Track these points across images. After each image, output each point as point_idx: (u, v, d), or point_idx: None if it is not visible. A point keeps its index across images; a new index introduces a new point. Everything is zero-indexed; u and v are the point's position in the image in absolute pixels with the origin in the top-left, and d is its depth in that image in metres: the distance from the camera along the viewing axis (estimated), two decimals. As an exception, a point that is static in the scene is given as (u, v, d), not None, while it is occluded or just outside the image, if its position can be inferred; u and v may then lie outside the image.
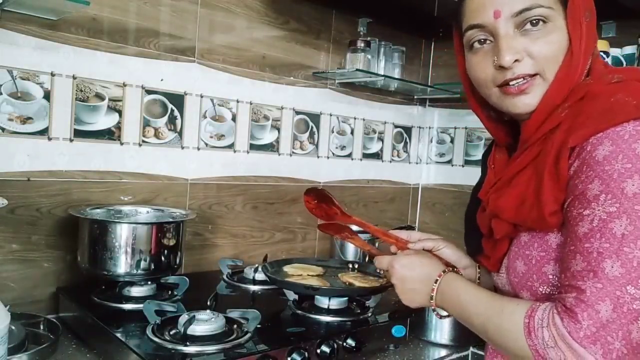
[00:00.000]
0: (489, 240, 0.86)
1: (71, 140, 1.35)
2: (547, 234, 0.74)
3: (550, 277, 0.73)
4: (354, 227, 1.05)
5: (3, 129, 1.24)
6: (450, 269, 0.86)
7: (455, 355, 1.29)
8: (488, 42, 0.77)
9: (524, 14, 0.73)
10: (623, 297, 0.62)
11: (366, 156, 2.09)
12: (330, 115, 1.94)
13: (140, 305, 1.13)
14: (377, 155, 2.13)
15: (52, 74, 1.30)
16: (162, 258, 1.27)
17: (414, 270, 0.87)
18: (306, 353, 1.05)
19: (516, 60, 0.74)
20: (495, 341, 0.73)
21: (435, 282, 0.83)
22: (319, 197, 1.03)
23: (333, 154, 1.97)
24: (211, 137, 1.62)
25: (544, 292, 0.74)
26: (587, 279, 0.64)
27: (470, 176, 2.11)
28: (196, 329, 1.03)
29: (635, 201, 0.63)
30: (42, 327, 1.16)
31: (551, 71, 0.74)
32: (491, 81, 0.77)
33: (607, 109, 0.68)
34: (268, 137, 1.76)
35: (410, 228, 1.02)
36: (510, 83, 0.75)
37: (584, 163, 0.67)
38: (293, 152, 1.83)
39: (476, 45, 0.78)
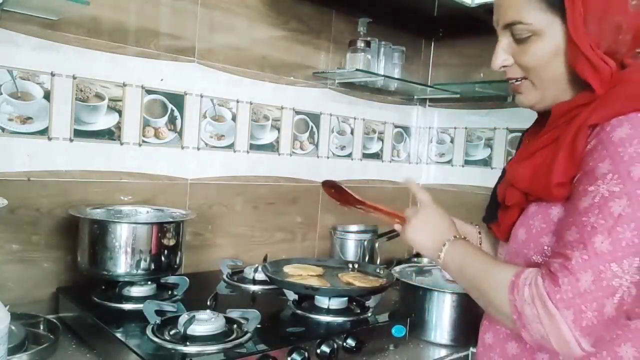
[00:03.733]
0: (503, 209, 0.90)
1: (71, 140, 1.35)
2: (550, 207, 0.78)
3: (545, 248, 0.78)
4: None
5: (3, 129, 1.24)
6: (463, 237, 0.91)
7: (455, 355, 1.29)
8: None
9: (511, 27, 0.80)
10: (605, 272, 0.65)
11: (366, 156, 2.09)
12: (330, 115, 1.94)
13: (140, 305, 1.13)
14: (377, 155, 2.13)
15: (52, 74, 1.30)
16: (162, 258, 1.27)
17: (435, 217, 0.94)
18: (306, 353, 1.05)
19: (505, 66, 0.82)
20: (482, 294, 0.78)
21: (448, 241, 0.87)
22: (334, 187, 1.13)
23: (333, 154, 1.97)
24: (211, 137, 1.62)
25: (537, 261, 0.79)
26: (576, 250, 0.67)
27: (470, 176, 2.11)
28: (196, 329, 1.03)
29: (639, 186, 0.66)
30: (42, 327, 1.16)
31: (537, 79, 0.81)
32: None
33: (634, 94, 0.71)
34: (268, 137, 1.76)
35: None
36: (510, 81, 0.84)
37: (600, 142, 0.70)
38: (293, 152, 1.83)
39: None
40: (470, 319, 1.30)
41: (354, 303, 1.33)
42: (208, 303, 1.16)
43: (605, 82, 0.74)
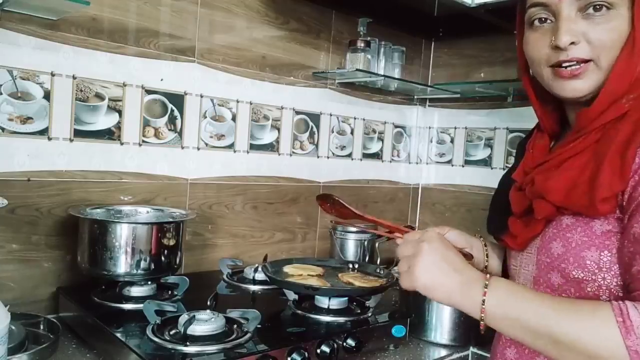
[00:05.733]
0: (519, 220, 0.86)
1: (71, 140, 1.35)
2: (592, 220, 0.73)
3: (588, 262, 0.73)
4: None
5: (3, 129, 1.24)
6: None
7: (455, 355, 1.29)
8: (549, 21, 0.78)
9: None
10: None
11: (366, 156, 2.09)
12: (330, 115, 1.94)
13: (140, 305, 1.13)
14: (377, 155, 2.13)
15: (52, 74, 1.30)
16: (162, 258, 1.27)
17: (450, 250, 0.78)
18: (306, 353, 1.05)
19: (572, 43, 0.74)
20: (571, 347, 0.66)
21: (486, 285, 0.73)
22: (330, 200, 1.05)
23: (333, 154, 1.97)
24: (211, 137, 1.62)
25: (576, 276, 0.74)
26: None
27: (470, 176, 2.11)
28: (196, 329, 1.03)
29: None
30: (42, 327, 1.16)
31: (606, 59, 0.74)
32: (545, 60, 0.78)
33: None
34: (268, 137, 1.76)
35: (411, 228, 1.02)
36: (563, 65, 0.76)
37: None
38: (293, 152, 1.83)
39: (536, 23, 0.79)
40: (470, 319, 1.30)
41: (354, 303, 1.33)
42: (208, 303, 1.15)
43: None
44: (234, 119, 1.66)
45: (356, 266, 1.49)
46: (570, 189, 0.74)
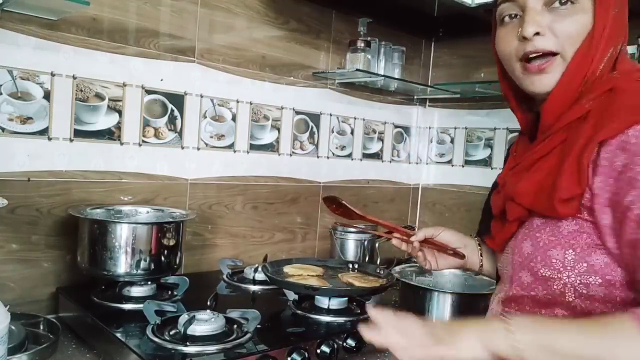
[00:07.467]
0: (497, 221, 0.87)
1: (71, 140, 1.35)
2: (560, 221, 0.75)
3: (554, 261, 0.74)
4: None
5: (3, 129, 1.24)
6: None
7: (455, 355, 1.29)
8: (518, 16, 0.79)
9: None
10: None
11: (366, 156, 2.09)
12: (330, 115, 1.94)
13: (140, 305, 1.13)
14: (377, 155, 2.13)
15: (52, 74, 1.30)
16: (162, 258, 1.27)
17: (435, 324, 0.77)
18: (306, 353, 1.05)
19: (537, 34, 0.76)
20: None
21: (506, 326, 0.68)
22: (336, 202, 1.12)
23: (333, 154, 1.97)
24: (211, 137, 1.62)
25: (544, 274, 0.76)
26: None
27: (470, 176, 2.11)
28: (196, 329, 1.03)
29: None
30: (42, 327, 1.16)
31: (571, 51, 0.76)
32: (514, 54, 0.80)
33: (638, 105, 0.70)
34: (268, 137, 1.76)
35: (411, 228, 1.04)
36: (530, 56, 0.77)
37: (635, 154, 0.67)
38: (293, 152, 1.83)
39: (506, 19, 0.81)
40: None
41: (354, 303, 1.33)
42: (208, 303, 1.16)
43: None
44: (234, 119, 1.66)
45: (356, 266, 1.49)
46: (537, 192, 0.76)
